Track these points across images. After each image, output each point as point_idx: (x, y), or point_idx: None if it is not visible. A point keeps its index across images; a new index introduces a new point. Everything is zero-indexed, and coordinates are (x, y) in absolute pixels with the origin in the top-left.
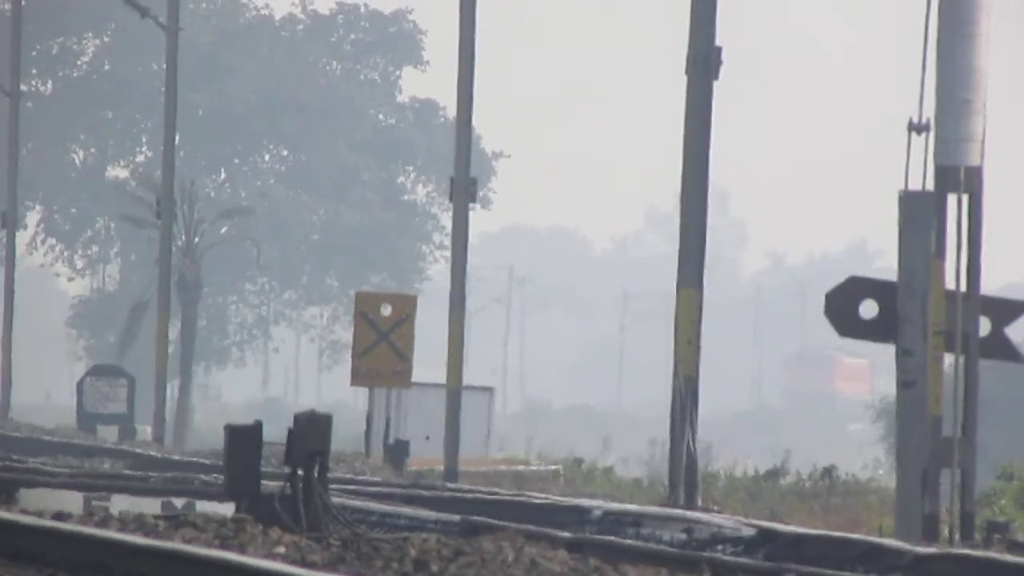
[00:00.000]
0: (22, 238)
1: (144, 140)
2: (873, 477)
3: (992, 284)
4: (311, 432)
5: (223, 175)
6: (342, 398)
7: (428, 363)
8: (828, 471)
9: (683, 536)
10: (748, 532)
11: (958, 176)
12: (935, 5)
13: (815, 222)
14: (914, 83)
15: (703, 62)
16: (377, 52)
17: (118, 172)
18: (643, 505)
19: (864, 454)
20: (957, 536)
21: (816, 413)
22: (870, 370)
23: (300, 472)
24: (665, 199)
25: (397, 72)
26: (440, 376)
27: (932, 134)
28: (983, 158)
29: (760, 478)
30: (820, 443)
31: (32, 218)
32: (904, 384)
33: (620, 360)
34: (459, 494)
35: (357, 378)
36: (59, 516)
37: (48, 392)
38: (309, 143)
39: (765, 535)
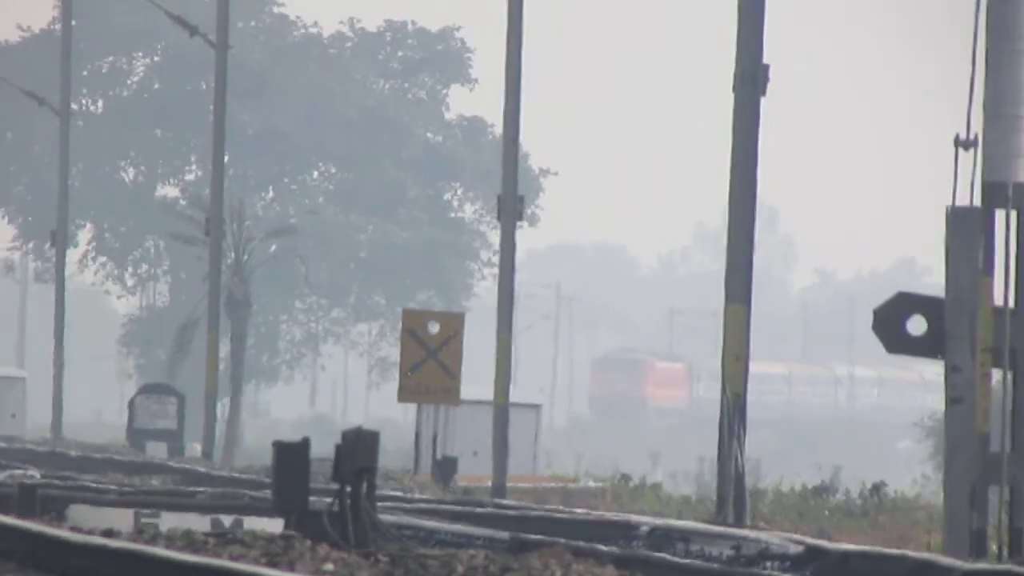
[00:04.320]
0: (73, 256)
1: (193, 159)
2: (921, 494)
3: None
4: (359, 449)
5: (272, 193)
6: (390, 415)
7: (476, 380)
8: (876, 488)
9: (731, 553)
10: (796, 549)
11: (1006, 192)
12: (983, 21)
13: (863, 239)
14: (962, 99)
15: (750, 79)
16: (425, 70)
17: (168, 190)
18: (691, 522)
19: (912, 471)
20: (1005, 552)
21: (623, 419)
22: (686, 375)
23: (348, 488)
24: (713, 216)
25: (445, 90)
26: (488, 393)
27: (980, 150)
28: None
29: (808, 495)
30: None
31: (83, 236)
32: (952, 400)
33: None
34: (507, 511)
35: (405, 395)
36: (108, 533)
37: (99, 410)
38: (357, 161)
39: (813, 552)
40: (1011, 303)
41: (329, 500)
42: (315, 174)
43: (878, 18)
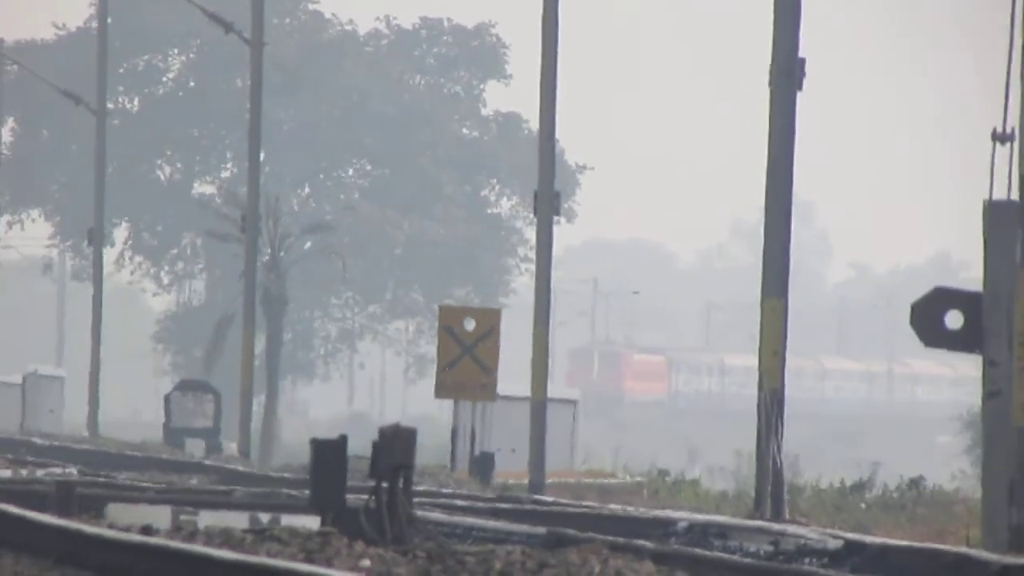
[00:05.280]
0: (109, 255)
1: (229, 156)
2: (960, 488)
3: None
4: (396, 445)
5: (307, 190)
6: (428, 412)
7: (513, 376)
8: (914, 482)
9: (770, 548)
10: (834, 544)
11: None
12: (1020, 12)
13: (900, 233)
14: (999, 92)
15: (786, 74)
16: (460, 66)
17: (204, 188)
18: (729, 517)
19: (951, 465)
20: None
21: (600, 412)
22: (665, 367)
23: (385, 485)
24: (750, 211)
25: (481, 86)
26: (525, 389)
27: (1017, 143)
28: None
29: (846, 490)
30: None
31: (119, 235)
32: (990, 394)
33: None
34: (544, 507)
35: (442, 391)
36: (146, 531)
37: (135, 407)
38: (393, 157)
39: (851, 547)
40: None
41: (366, 497)
42: (351, 171)
43: (914, 10)
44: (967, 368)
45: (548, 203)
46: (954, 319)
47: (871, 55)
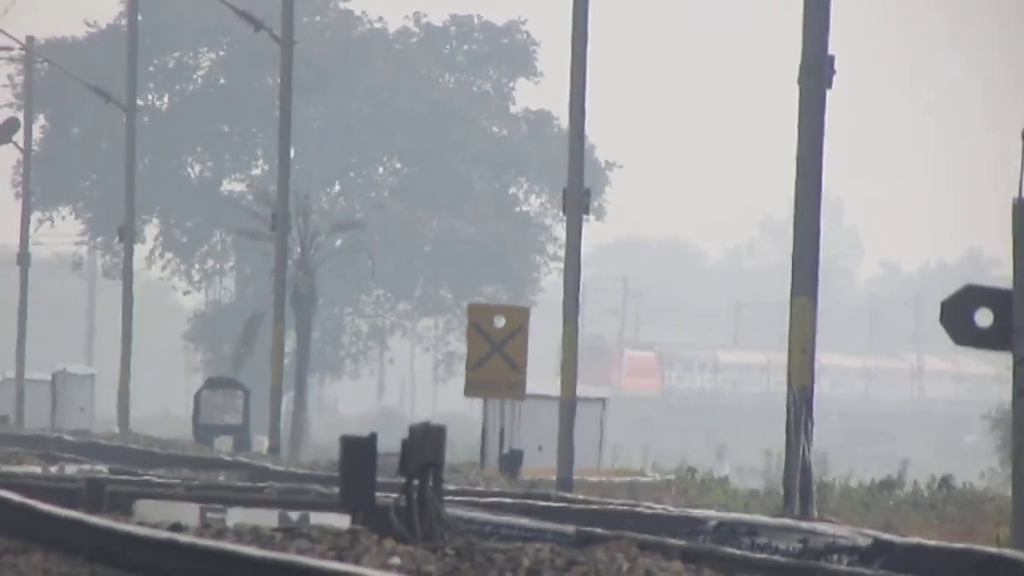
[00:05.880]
0: (140, 252)
1: (259, 153)
2: (989, 486)
3: None
4: (426, 443)
5: (337, 187)
6: (457, 409)
7: (543, 374)
8: (944, 481)
9: (799, 546)
10: (864, 542)
11: None
12: None
13: (930, 231)
14: None
15: (816, 71)
16: (490, 64)
17: (234, 186)
18: (758, 515)
19: (980, 463)
20: None
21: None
22: (658, 363)
23: (415, 483)
24: (780, 208)
25: (510, 83)
26: (555, 387)
27: None
28: None
29: (876, 488)
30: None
31: (150, 232)
32: (1020, 392)
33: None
34: (573, 504)
35: (471, 389)
36: (175, 528)
37: (165, 404)
38: (422, 155)
39: (881, 545)
40: None
41: (396, 495)
42: (380, 169)
43: (946, 6)
44: (968, 365)
45: (577, 201)
46: (984, 317)
47: (901, 51)
